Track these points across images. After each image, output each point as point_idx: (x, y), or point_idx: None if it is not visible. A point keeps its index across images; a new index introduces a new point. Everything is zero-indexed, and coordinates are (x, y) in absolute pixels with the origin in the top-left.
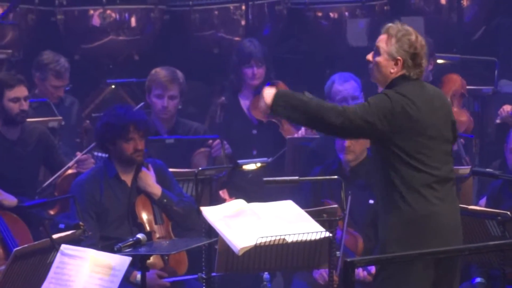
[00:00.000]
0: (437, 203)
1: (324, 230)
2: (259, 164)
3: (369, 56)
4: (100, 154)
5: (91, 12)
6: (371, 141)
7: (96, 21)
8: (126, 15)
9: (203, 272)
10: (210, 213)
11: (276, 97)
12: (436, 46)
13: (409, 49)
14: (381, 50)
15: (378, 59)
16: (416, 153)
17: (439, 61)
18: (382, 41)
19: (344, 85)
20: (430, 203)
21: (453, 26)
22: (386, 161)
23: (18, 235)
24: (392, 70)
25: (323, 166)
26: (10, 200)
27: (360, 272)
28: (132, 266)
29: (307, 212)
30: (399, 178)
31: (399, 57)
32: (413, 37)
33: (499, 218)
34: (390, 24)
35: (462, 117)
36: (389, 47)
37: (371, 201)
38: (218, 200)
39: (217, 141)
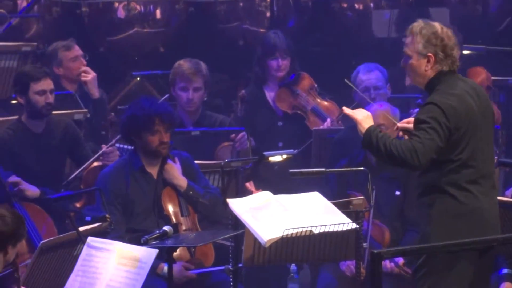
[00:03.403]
0: (482, 198)
1: (351, 221)
2: (285, 156)
3: (402, 63)
4: (123, 146)
5: (116, 4)
6: None
7: (121, 13)
8: (151, 7)
9: (230, 264)
10: (236, 205)
11: (367, 132)
12: (460, 37)
13: (436, 42)
14: (409, 52)
15: (410, 62)
16: (462, 149)
17: (465, 52)
18: (408, 43)
19: (367, 75)
20: (476, 198)
21: (478, 17)
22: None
23: (42, 228)
24: (426, 68)
25: (348, 158)
26: (33, 190)
27: (387, 264)
28: (158, 258)
29: (333, 203)
30: (446, 173)
31: (429, 54)
32: (438, 29)
33: None
34: (413, 24)
35: None
36: (417, 45)
37: (398, 193)
38: (244, 192)
39: (241, 134)
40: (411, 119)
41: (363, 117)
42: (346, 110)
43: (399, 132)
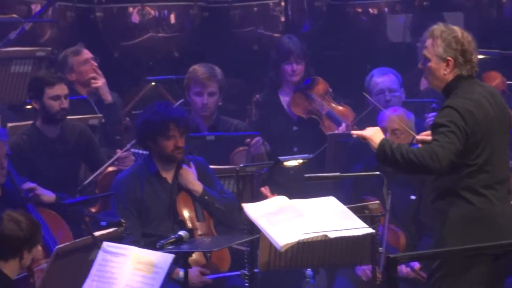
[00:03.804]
0: (497, 203)
1: (366, 226)
2: (300, 161)
3: (420, 65)
4: (138, 151)
5: (130, 9)
6: None
7: (135, 18)
8: (165, 12)
9: (246, 269)
10: (252, 210)
11: (381, 145)
12: (475, 42)
13: (456, 47)
14: (429, 55)
15: (429, 64)
16: (479, 154)
17: (479, 56)
18: (428, 46)
19: (382, 78)
20: (491, 203)
21: (493, 21)
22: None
23: (57, 233)
24: (445, 72)
25: (363, 162)
26: (48, 195)
27: (403, 268)
28: (174, 263)
29: (349, 208)
30: (462, 178)
31: (449, 58)
32: (459, 34)
33: None
34: (433, 27)
35: None
36: (437, 49)
37: (413, 197)
38: (259, 197)
39: (256, 139)
40: (428, 132)
41: (373, 133)
42: (355, 132)
43: (415, 141)
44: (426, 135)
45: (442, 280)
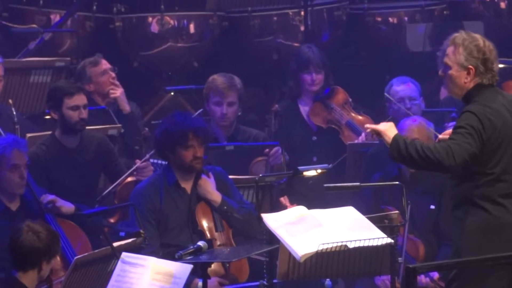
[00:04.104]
0: None
1: (385, 236)
2: (319, 171)
3: (440, 72)
4: (157, 161)
5: (150, 19)
6: None
7: (154, 28)
8: (185, 21)
9: (265, 279)
10: (271, 220)
11: (395, 140)
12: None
13: (478, 55)
14: (450, 63)
15: (450, 72)
16: (496, 163)
17: (499, 65)
18: (449, 53)
19: (401, 86)
20: (509, 212)
21: None
22: (466, 169)
23: (76, 244)
24: (466, 80)
25: (382, 172)
26: (68, 206)
27: (422, 279)
28: (193, 274)
29: (368, 218)
30: (479, 186)
31: (470, 66)
32: (480, 43)
33: None
34: (455, 35)
35: None
36: (458, 56)
37: (432, 207)
38: (279, 207)
39: (275, 149)
40: (450, 131)
41: (387, 127)
42: (368, 126)
43: (437, 140)
44: (446, 134)
45: None
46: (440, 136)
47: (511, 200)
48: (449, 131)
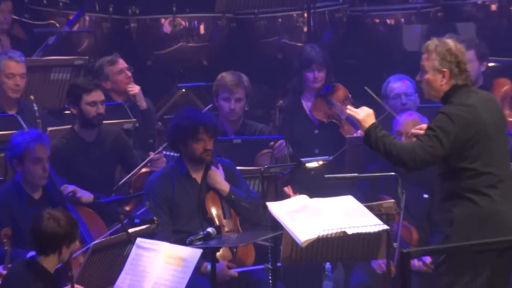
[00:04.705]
0: (501, 201)
1: (382, 223)
2: (321, 162)
3: (418, 77)
4: (169, 153)
5: (163, 20)
6: None
7: (167, 28)
8: (195, 22)
9: (269, 263)
10: (275, 208)
11: (368, 131)
12: (487, 50)
13: (451, 59)
14: (426, 67)
15: (426, 76)
16: (476, 157)
17: (491, 64)
18: (424, 59)
19: (398, 83)
20: (494, 201)
21: (504, 30)
22: (449, 166)
23: (94, 229)
24: (441, 83)
25: (379, 164)
26: (87, 196)
27: (415, 262)
28: (202, 258)
29: (366, 206)
30: (464, 180)
31: (444, 69)
32: (452, 46)
33: None
34: (427, 42)
35: None
36: (432, 62)
37: (425, 196)
38: (283, 196)
39: (279, 141)
40: (424, 125)
41: (365, 116)
42: (350, 108)
43: (410, 134)
44: (420, 129)
45: (447, 273)
46: (413, 130)
47: (496, 190)
48: (425, 125)
